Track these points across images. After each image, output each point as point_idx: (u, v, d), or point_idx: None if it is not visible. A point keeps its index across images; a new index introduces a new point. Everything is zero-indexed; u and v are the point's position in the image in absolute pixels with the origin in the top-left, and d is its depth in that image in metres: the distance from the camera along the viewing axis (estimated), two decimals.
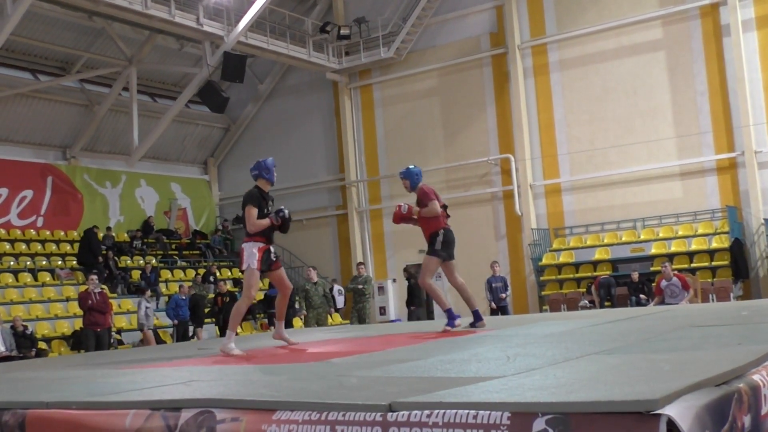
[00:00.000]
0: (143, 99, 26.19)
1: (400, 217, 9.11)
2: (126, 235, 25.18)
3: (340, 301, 22.26)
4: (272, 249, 8.18)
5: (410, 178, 9.04)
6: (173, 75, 27.65)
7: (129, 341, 19.56)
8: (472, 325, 8.86)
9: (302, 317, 18.71)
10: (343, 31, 25.51)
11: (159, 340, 19.33)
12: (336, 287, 22.22)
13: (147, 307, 19.04)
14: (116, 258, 22.67)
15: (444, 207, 8.99)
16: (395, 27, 25.35)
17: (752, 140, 20.32)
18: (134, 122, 23.91)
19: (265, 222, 8.00)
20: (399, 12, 25.42)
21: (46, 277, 21.18)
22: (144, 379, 5.32)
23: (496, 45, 24.25)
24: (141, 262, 23.41)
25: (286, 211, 8.08)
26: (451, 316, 8.62)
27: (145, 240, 25.05)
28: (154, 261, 23.58)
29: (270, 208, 8.10)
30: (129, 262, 23.41)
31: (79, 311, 17.39)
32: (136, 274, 22.53)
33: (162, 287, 22.54)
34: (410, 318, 18.79)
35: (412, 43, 25.34)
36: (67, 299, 20.12)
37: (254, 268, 7.84)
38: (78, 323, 17.81)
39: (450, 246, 8.87)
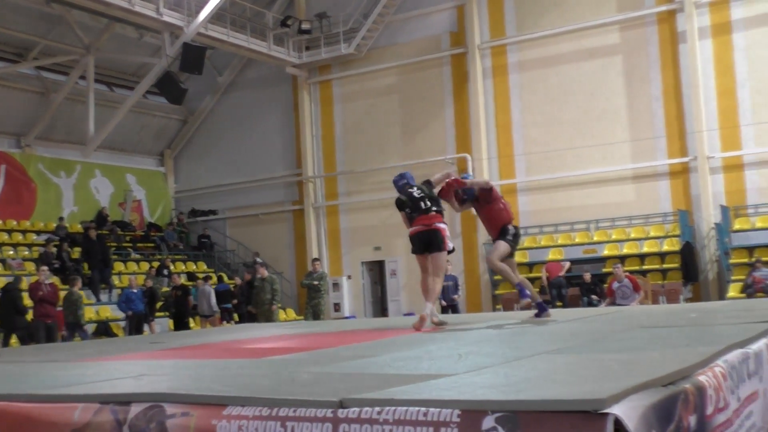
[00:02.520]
0: (100, 88, 25.79)
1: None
2: (79, 226, 24.77)
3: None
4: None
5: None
6: (131, 64, 27.27)
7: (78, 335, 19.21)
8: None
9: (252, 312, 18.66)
10: (304, 26, 25.40)
11: (111, 334, 19.07)
12: None
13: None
14: (69, 249, 22.29)
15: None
16: (356, 23, 25.32)
17: (704, 146, 20.71)
18: (90, 111, 23.54)
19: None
20: (360, 8, 25.40)
21: None
22: (94, 373, 5.25)
23: (456, 44, 24.36)
24: None
25: None
26: (523, 294, 8.52)
27: (99, 231, 24.66)
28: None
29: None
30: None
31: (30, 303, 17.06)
32: (87, 266, 22.16)
33: (115, 279, 22.23)
34: None
35: (372, 40, 25.33)
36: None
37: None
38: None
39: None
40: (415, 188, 8.69)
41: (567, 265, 21.00)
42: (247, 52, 24.84)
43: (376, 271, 25.95)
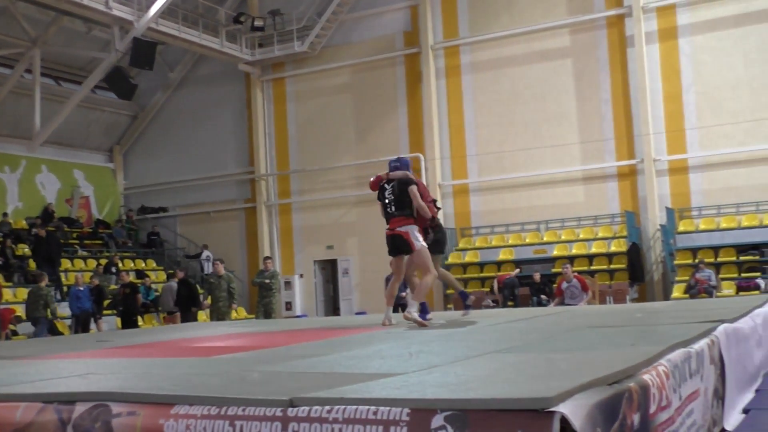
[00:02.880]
0: (47, 82, 25.28)
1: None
2: (24, 222, 24.26)
3: None
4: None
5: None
6: (80, 59, 26.76)
7: (24, 332, 18.85)
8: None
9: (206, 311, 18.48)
10: (257, 23, 25.23)
11: (56, 332, 18.71)
12: None
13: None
14: (13, 246, 21.81)
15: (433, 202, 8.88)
16: (310, 21, 25.24)
17: (651, 148, 21.11)
18: (37, 106, 23.07)
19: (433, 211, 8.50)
20: (314, 6, 25.32)
21: None
22: (37, 371, 5.15)
23: (409, 44, 24.44)
24: None
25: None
26: (424, 310, 8.55)
27: (47, 228, 24.17)
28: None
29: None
30: (27, 250, 22.56)
31: None
32: (33, 263, 21.73)
33: (62, 277, 21.82)
34: None
35: (326, 38, 25.27)
36: None
37: (425, 246, 8.30)
38: None
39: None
40: (389, 189, 8.52)
41: (516, 272, 21.19)
42: (199, 48, 24.58)
43: (329, 269, 25.91)
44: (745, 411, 5.28)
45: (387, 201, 8.42)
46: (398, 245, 8.40)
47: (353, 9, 25.17)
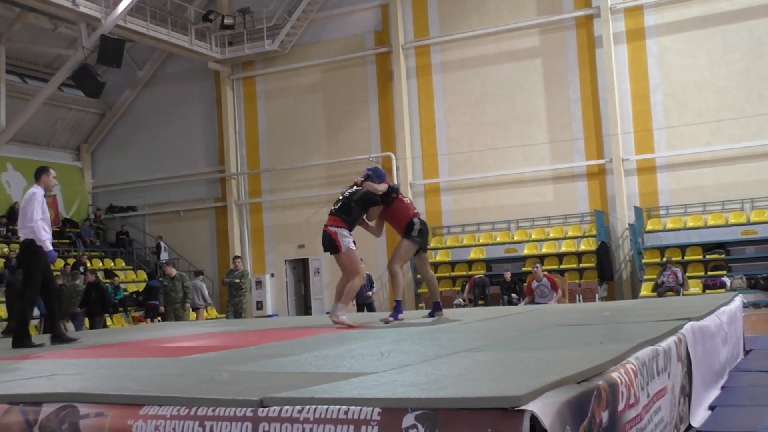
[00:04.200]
0: (12, 79, 24.93)
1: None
2: None
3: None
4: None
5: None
6: (46, 56, 26.42)
7: None
8: (431, 314, 8.90)
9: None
10: (226, 21, 25.10)
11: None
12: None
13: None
14: None
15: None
16: (280, 20, 25.15)
17: (620, 148, 21.31)
18: (1, 103, 22.79)
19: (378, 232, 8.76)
20: (284, 5, 25.24)
21: None
22: (2, 372, 5.08)
23: (380, 44, 24.45)
24: (5, 249, 22.29)
25: None
26: (398, 309, 8.54)
27: (11, 227, 23.85)
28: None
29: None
30: None
31: None
32: None
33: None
34: None
35: (296, 37, 25.20)
36: None
37: (353, 249, 8.43)
38: None
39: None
40: (349, 190, 8.66)
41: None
42: (168, 46, 24.39)
43: (300, 269, 25.83)
44: (711, 408, 5.34)
45: (339, 198, 8.65)
46: (325, 243, 8.56)
47: (323, 8, 25.12)
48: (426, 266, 9.15)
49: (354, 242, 8.51)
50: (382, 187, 8.61)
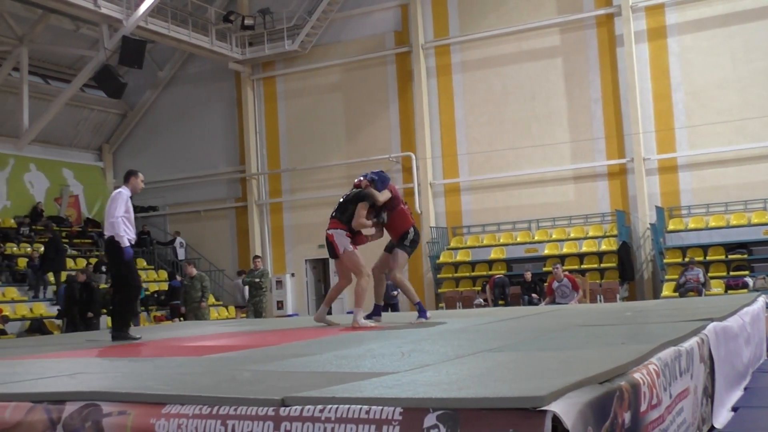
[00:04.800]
0: (35, 80, 25.16)
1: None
2: (12, 221, 24.15)
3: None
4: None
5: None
6: (68, 57, 26.63)
7: (13, 331, 18.79)
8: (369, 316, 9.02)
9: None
10: (247, 21, 25.18)
11: (45, 331, 18.63)
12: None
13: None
14: (2, 245, 21.71)
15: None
16: (300, 20, 25.20)
17: (641, 147, 21.17)
18: (24, 104, 22.94)
19: (369, 225, 8.63)
20: (304, 5, 25.29)
21: None
22: (26, 371, 5.12)
23: (400, 43, 24.44)
24: (28, 249, 22.50)
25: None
26: (422, 309, 8.63)
27: (33, 227, 24.09)
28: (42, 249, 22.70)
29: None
30: (15, 249, 22.46)
31: None
32: (22, 262, 21.64)
33: (50, 276, 21.73)
34: None
35: (316, 37, 25.25)
36: None
37: (352, 250, 8.51)
38: None
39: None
40: (347, 193, 8.82)
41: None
42: (189, 47, 24.51)
43: (320, 268, 25.87)
44: (734, 409, 5.30)
45: (339, 200, 8.91)
46: (327, 247, 8.72)
47: (343, 8, 25.15)
48: (392, 268, 9.01)
49: (354, 243, 8.58)
50: (383, 197, 8.68)
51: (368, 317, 8.90)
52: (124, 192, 8.94)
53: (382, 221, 8.79)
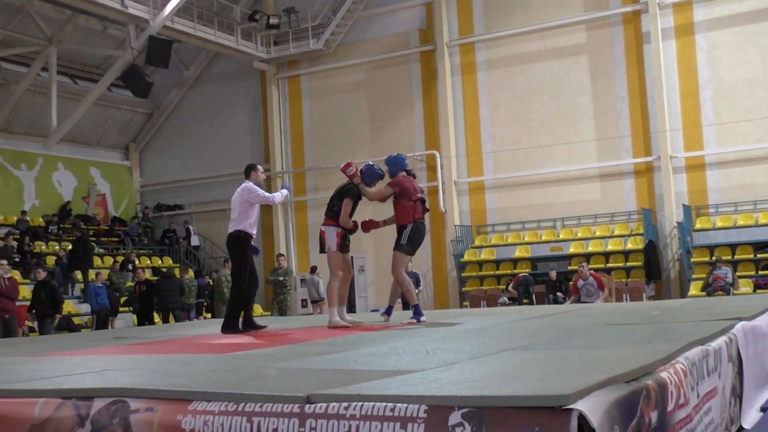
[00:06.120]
0: (63, 80, 25.43)
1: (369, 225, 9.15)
2: (41, 219, 24.44)
3: None
4: (348, 235, 8.98)
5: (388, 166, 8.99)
6: (95, 57, 26.91)
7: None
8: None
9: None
10: (272, 21, 25.28)
11: (74, 328, 18.81)
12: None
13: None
14: (31, 243, 21.96)
15: (421, 201, 8.88)
16: (325, 19, 25.24)
17: (668, 145, 20.98)
18: (53, 104, 23.19)
19: (350, 224, 8.86)
20: (329, 4, 25.32)
21: None
22: (55, 368, 5.18)
23: (424, 42, 24.40)
24: (56, 247, 22.75)
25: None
26: (418, 312, 8.58)
27: (62, 225, 24.36)
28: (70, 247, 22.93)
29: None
30: (44, 247, 22.72)
31: None
32: (50, 260, 21.88)
33: (78, 274, 21.95)
34: None
35: (341, 36, 25.28)
36: None
37: (334, 250, 8.75)
38: None
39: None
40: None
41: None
42: (215, 46, 24.65)
43: None
44: (763, 409, 5.25)
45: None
46: (319, 242, 9.08)
47: (368, 6, 25.16)
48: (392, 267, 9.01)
49: (343, 240, 8.83)
50: (370, 192, 8.72)
51: (386, 313, 9.20)
52: (248, 186, 9.27)
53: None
